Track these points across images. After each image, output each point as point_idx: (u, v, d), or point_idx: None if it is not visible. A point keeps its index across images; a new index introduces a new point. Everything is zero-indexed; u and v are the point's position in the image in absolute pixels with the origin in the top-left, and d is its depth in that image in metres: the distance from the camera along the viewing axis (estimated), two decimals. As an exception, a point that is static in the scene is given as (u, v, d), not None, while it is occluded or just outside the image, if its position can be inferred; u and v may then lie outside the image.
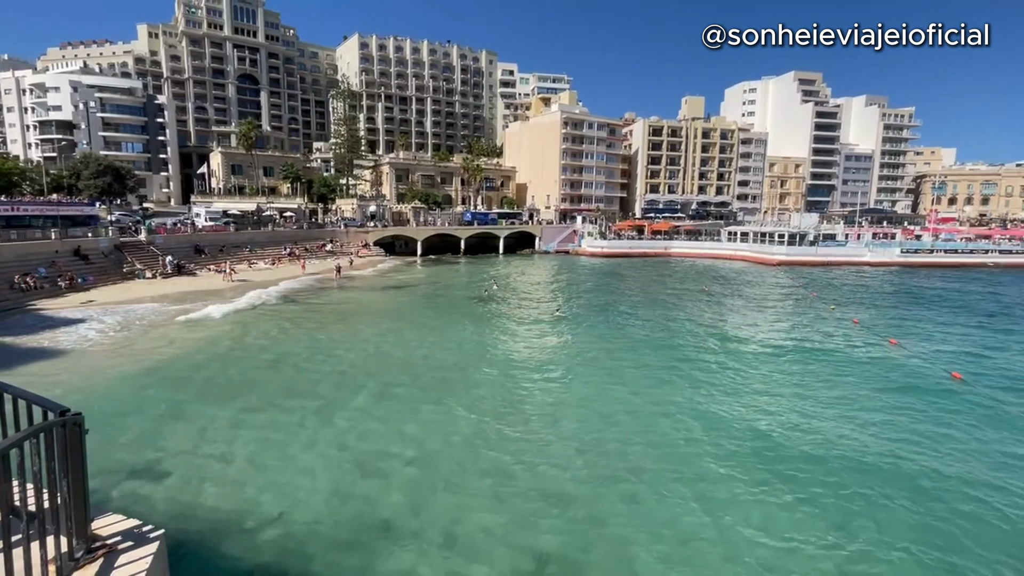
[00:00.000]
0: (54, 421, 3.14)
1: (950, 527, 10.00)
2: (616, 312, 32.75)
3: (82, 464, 3.34)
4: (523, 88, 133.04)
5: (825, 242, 69.27)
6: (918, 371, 20.06)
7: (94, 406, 14.62)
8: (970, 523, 10.12)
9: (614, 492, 11.30)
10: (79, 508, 3.32)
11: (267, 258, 52.58)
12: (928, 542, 9.61)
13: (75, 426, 3.27)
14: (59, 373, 18.45)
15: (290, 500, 10.76)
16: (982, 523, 10.17)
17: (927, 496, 11.03)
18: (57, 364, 19.53)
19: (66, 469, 3.17)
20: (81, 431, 3.33)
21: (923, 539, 9.69)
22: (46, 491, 3.14)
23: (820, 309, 34.26)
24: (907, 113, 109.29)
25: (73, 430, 3.24)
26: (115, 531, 3.63)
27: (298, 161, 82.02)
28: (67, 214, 43.02)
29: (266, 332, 25.54)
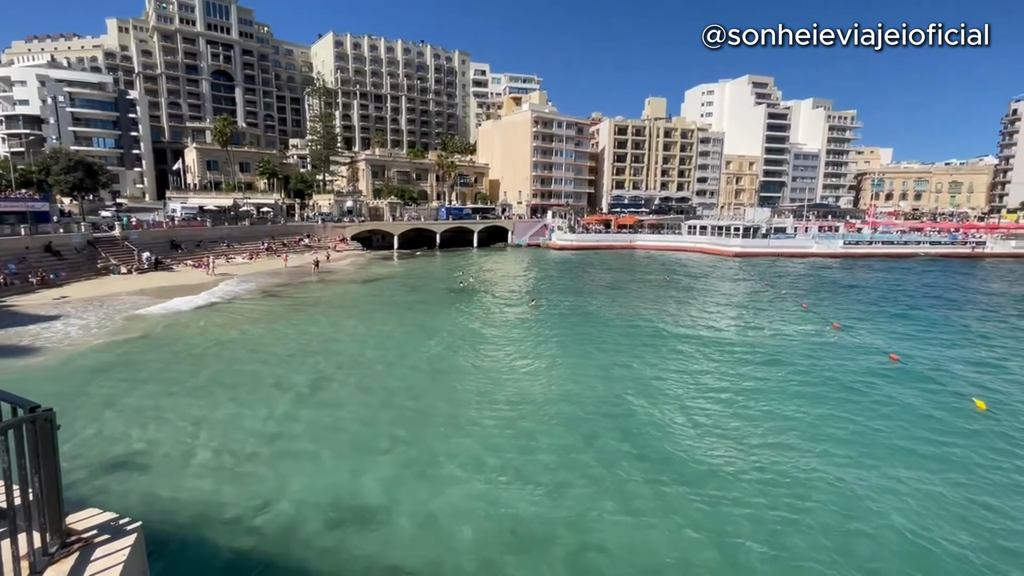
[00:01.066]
0: (24, 417, 3.04)
1: (868, 478, 11.70)
2: (587, 300, 35.25)
3: (54, 459, 3.25)
4: (495, 88, 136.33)
5: (776, 235, 74.52)
6: (859, 353, 21.63)
7: (67, 402, 14.76)
8: (889, 472, 11.89)
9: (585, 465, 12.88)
10: (52, 503, 3.23)
11: (244, 253, 54.22)
12: (842, 491, 11.39)
13: (46, 422, 3.17)
14: (31, 369, 18.31)
15: (268, 490, 10.89)
16: (898, 468, 12.07)
17: (866, 461, 12.35)
18: (29, 360, 19.23)
19: (38, 465, 3.08)
20: (52, 427, 3.24)
21: (840, 488, 11.47)
22: (17, 488, 3.05)
23: (772, 296, 37.29)
24: (850, 115, 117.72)
25: (44, 426, 3.15)
26: (91, 525, 3.56)
27: (274, 157, 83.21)
28: (10, 210, 40.85)
29: (247, 325, 25.75)
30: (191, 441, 13.26)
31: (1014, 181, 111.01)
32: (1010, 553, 9.27)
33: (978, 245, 75.24)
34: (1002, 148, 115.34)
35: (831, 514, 10.38)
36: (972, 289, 42.63)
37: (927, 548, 9.40)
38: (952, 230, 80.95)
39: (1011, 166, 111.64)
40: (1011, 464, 12.38)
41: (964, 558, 9.14)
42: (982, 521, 10.20)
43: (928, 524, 10.05)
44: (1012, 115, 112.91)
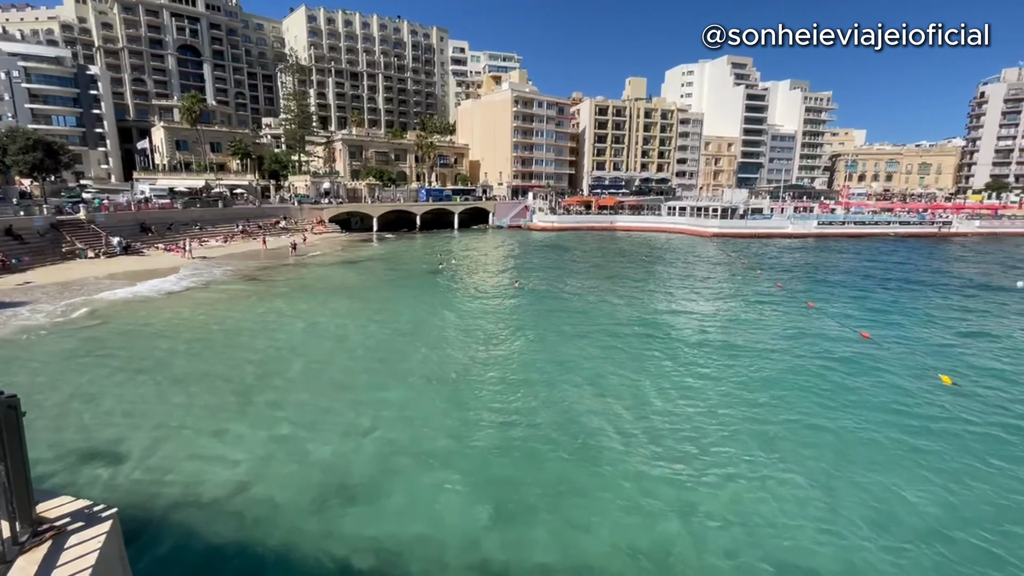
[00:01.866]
0: None
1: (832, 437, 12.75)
2: (569, 281, 35.59)
3: (21, 447, 3.21)
4: (474, 66, 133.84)
5: (753, 215, 75.75)
6: (832, 331, 22.24)
7: (35, 388, 14.61)
8: (852, 435, 12.81)
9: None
10: (21, 491, 3.20)
11: (219, 236, 52.84)
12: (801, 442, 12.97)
13: (11, 408, 3.13)
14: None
15: (248, 474, 10.85)
16: (861, 432, 13.05)
17: (841, 436, 12.87)
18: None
19: (3, 453, 3.04)
20: (18, 413, 3.20)
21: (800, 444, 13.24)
22: None
23: (748, 275, 38.09)
24: (825, 97, 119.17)
25: (9, 413, 3.11)
26: (63, 513, 3.52)
27: (247, 137, 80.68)
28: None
29: (223, 309, 25.38)
30: (167, 426, 13.07)
31: (980, 162, 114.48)
32: (962, 516, 9.78)
33: (945, 225, 77.83)
34: (970, 130, 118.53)
35: (797, 484, 10.79)
36: (938, 268, 44.14)
37: (889, 512, 9.86)
38: (920, 210, 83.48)
39: (978, 148, 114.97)
40: (971, 433, 13.00)
41: (922, 517, 9.62)
42: (942, 488, 10.72)
43: (892, 487, 10.56)
44: (980, 98, 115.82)
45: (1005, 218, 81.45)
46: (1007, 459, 11.78)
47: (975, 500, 10.29)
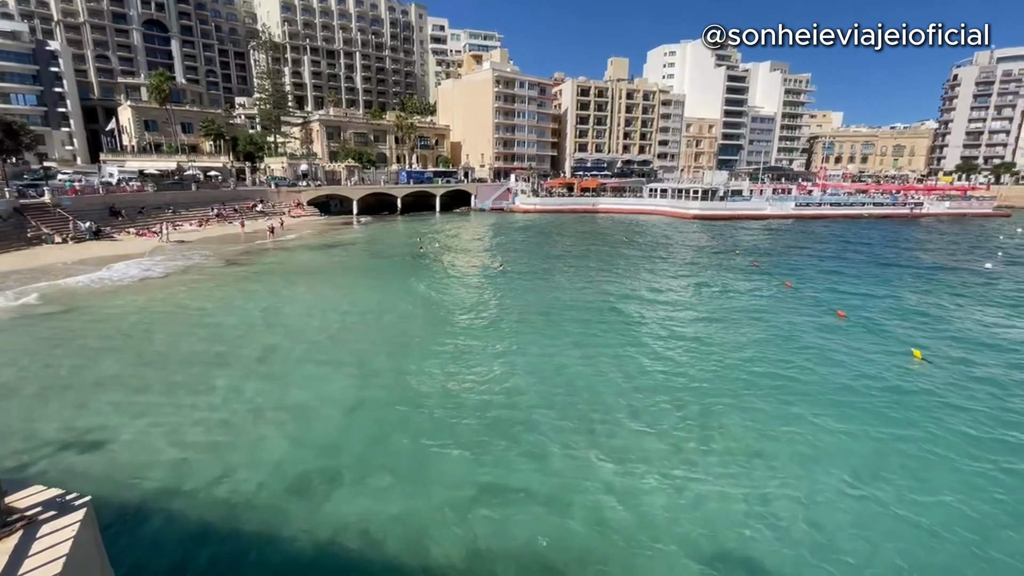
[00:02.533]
0: None
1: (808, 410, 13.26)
2: (553, 263, 35.79)
3: None
4: (454, 44, 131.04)
5: (733, 197, 76.64)
6: (809, 310, 22.86)
7: (1, 377, 14.38)
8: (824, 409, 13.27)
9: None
10: None
11: (193, 220, 51.47)
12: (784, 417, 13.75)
13: None
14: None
15: (229, 459, 10.77)
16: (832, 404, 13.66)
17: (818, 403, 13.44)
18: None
19: None
20: None
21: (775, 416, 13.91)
22: None
23: (726, 256, 38.83)
24: (804, 79, 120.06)
25: None
26: (35, 503, 3.53)
27: (220, 117, 78.08)
28: None
29: (199, 294, 24.89)
30: (141, 412, 12.84)
31: (951, 145, 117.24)
32: (923, 479, 10.23)
33: (916, 206, 79.80)
34: (942, 113, 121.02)
35: (774, 453, 11.13)
36: (910, 249, 45.38)
37: (858, 483, 10.26)
38: (893, 192, 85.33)
39: (949, 130, 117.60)
40: (939, 405, 13.54)
41: (886, 484, 10.04)
42: (907, 456, 11.21)
43: (860, 457, 10.98)
44: (953, 80, 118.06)
45: (974, 199, 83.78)
46: (972, 424, 12.37)
47: (941, 464, 10.77)
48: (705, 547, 8.60)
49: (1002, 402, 13.76)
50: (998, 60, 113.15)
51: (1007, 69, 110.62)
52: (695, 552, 8.48)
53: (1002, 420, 12.78)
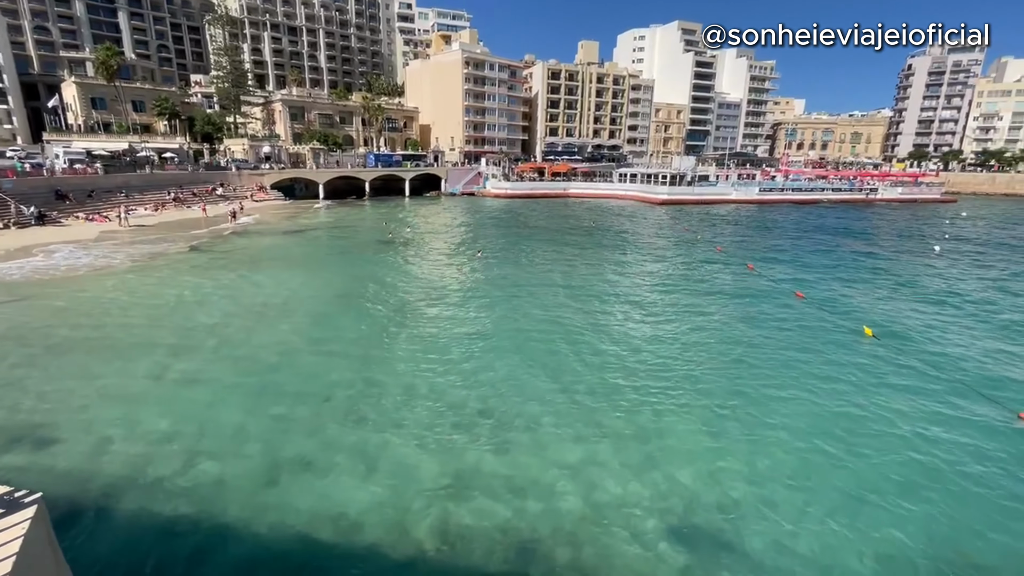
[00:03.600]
0: None
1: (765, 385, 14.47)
2: (525, 246, 36.01)
3: None
4: (422, 24, 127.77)
5: (700, 182, 78.08)
6: (770, 290, 23.76)
7: None
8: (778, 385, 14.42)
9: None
10: None
11: (148, 204, 49.11)
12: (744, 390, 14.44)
13: None
14: None
15: (188, 450, 10.57)
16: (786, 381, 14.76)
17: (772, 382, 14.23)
18: None
19: None
20: None
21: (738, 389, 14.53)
22: None
23: (691, 240, 39.81)
24: (769, 66, 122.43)
25: None
26: None
27: (174, 95, 74.23)
28: None
29: (157, 281, 24.19)
30: (94, 406, 12.39)
31: (904, 132, 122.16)
32: (863, 446, 10.89)
33: (872, 192, 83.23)
34: (897, 101, 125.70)
35: (734, 423, 11.62)
36: (865, 232, 47.45)
37: (806, 448, 10.83)
38: (851, 178, 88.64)
39: (903, 119, 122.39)
40: (884, 379, 14.37)
41: (829, 451, 10.64)
42: (852, 423, 11.88)
43: (805, 425, 11.57)
44: (907, 70, 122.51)
45: (924, 185, 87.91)
46: (915, 394, 13.24)
47: (883, 426, 11.47)
48: (663, 511, 8.96)
49: (938, 373, 14.70)
50: (949, 51, 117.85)
51: (957, 60, 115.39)
52: (653, 524, 8.82)
53: (931, 391, 13.67)
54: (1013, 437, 11.64)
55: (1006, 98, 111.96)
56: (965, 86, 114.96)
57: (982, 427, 12.04)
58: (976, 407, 12.94)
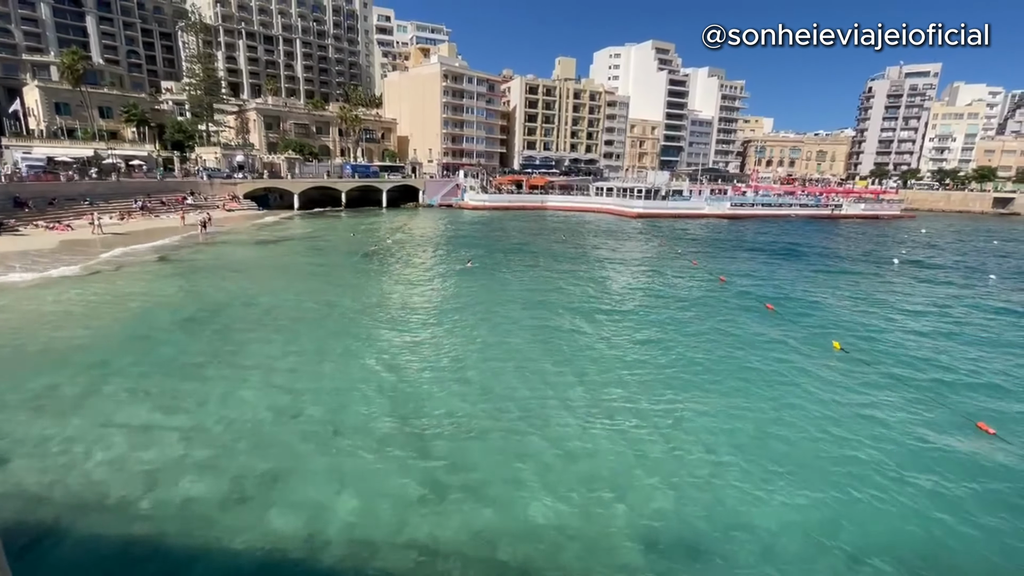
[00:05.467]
0: None
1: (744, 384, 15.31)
2: (507, 258, 36.35)
3: None
4: (401, 36, 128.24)
5: (674, 197, 79.98)
6: (741, 303, 24.38)
7: None
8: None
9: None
10: None
11: (113, 212, 47.52)
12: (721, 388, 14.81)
13: None
14: None
15: (151, 470, 10.14)
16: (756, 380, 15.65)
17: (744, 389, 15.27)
18: None
19: None
20: None
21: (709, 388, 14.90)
22: None
23: (667, 253, 40.42)
24: (739, 85, 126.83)
25: None
26: None
27: (143, 102, 72.46)
28: None
29: (124, 293, 23.29)
30: (48, 428, 11.78)
31: (866, 151, 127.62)
32: (828, 453, 11.18)
33: (836, 208, 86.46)
34: (859, 122, 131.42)
35: (703, 432, 11.80)
36: (831, 247, 49.14)
37: (774, 447, 11.07)
38: (817, 194, 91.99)
39: (865, 138, 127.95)
40: (852, 390, 14.82)
41: (799, 455, 10.89)
42: (822, 436, 12.19)
43: (784, 435, 11.86)
44: (868, 92, 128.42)
45: (885, 202, 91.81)
46: (881, 406, 13.62)
47: (853, 440, 11.78)
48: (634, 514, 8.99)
49: (902, 384, 15.23)
50: (906, 75, 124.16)
51: (913, 83, 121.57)
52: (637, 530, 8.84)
53: (896, 403, 14.15)
54: (971, 445, 12.11)
55: (959, 120, 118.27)
56: (921, 108, 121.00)
57: (943, 436, 12.49)
58: (937, 417, 13.43)
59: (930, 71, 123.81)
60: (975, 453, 11.73)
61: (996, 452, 11.78)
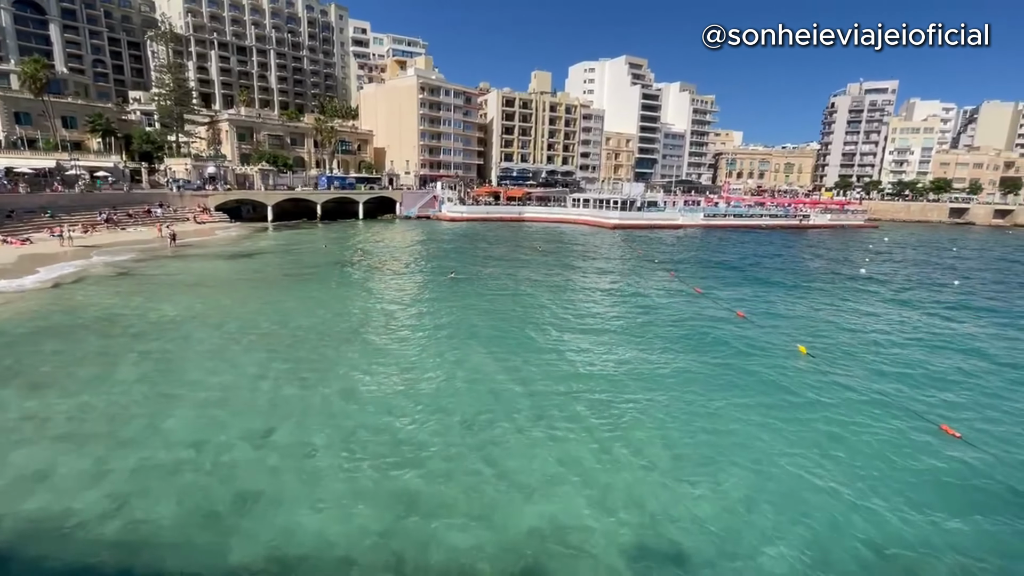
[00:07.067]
0: None
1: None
2: (490, 269, 36.60)
3: None
4: (377, 48, 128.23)
5: (649, 208, 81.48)
6: (714, 312, 25.07)
7: None
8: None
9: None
10: None
11: (76, 225, 45.86)
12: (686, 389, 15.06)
13: None
14: None
15: (117, 492, 9.81)
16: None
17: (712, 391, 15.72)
18: None
19: None
20: None
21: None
22: None
23: (645, 265, 40.90)
24: (709, 100, 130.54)
25: None
26: None
27: (109, 112, 70.52)
28: None
29: (92, 308, 22.62)
30: (15, 445, 11.29)
31: (831, 164, 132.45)
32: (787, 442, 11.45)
33: (804, 218, 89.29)
34: (823, 135, 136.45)
35: (676, 431, 11.94)
36: (799, 255, 50.73)
37: (740, 448, 11.27)
38: (785, 205, 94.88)
39: (829, 151, 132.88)
40: (817, 393, 15.28)
41: (767, 453, 11.11)
42: (786, 438, 12.50)
43: (749, 434, 12.08)
44: (831, 108, 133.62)
45: (850, 212, 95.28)
46: (847, 409, 14.03)
47: (818, 443, 12.08)
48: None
49: (867, 388, 15.72)
50: (866, 91, 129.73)
51: (873, 100, 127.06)
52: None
53: (861, 406, 14.59)
54: (935, 446, 12.53)
55: (915, 135, 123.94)
56: (881, 123, 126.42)
57: (907, 437, 12.90)
58: (901, 419, 13.87)
59: (888, 88, 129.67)
60: (939, 455, 12.14)
61: (961, 454, 12.20)
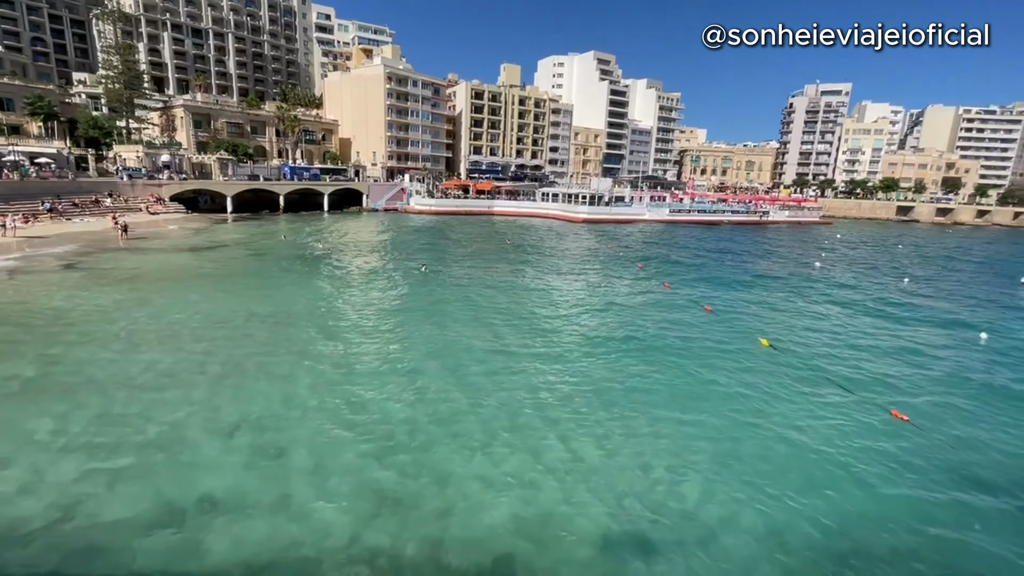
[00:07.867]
0: None
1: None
2: (460, 262, 36.54)
3: None
4: (342, 36, 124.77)
5: (617, 203, 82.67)
6: (683, 306, 25.85)
7: None
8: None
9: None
10: None
11: (16, 215, 42.88)
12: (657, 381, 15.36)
13: None
14: None
15: (76, 498, 9.37)
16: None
17: (686, 385, 16.39)
18: None
19: None
20: None
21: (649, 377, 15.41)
22: None
23: (614, 259, 41.40)
24: (675, 97, 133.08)
25: None
26: None
27: (51, 94, 66.11)
28: None
29: (32, 306, 21.14)
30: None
31: (789, 162, 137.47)
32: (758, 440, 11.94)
33: (764, 215, 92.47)
34: (782, 134, 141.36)
35: (641, 420, 12.25)
36: (760, 251, 52.57)
37: (699, 438, 11.69)
38: (746, 202, 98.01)
39: (787, 150, 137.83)
40: (776, 382, 15.93)
41: (729, 440, 11.54)
42: (745, 424, 12.99)
43: (708, 423, 12.48)
44: (789, 108, 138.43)
45: (806, 209, 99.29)
46: (804, 397, 14.69)
47: (776, 429, 12.61)
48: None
49: (823, 376, 16.50)
50: (822, 93, 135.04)
51: (828, 101, 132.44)
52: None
53: (817, 393, 15.30)
54: (886, 430, 13.27)
55: (867, 136, 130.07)
56: (835, 124, 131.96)
57: (860, 422, 13.61)
58: (854, 405, 14.61)
59: (842, 90, 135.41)
60: (889, 437, 12.86)
61: (910, 436, 12.96)
